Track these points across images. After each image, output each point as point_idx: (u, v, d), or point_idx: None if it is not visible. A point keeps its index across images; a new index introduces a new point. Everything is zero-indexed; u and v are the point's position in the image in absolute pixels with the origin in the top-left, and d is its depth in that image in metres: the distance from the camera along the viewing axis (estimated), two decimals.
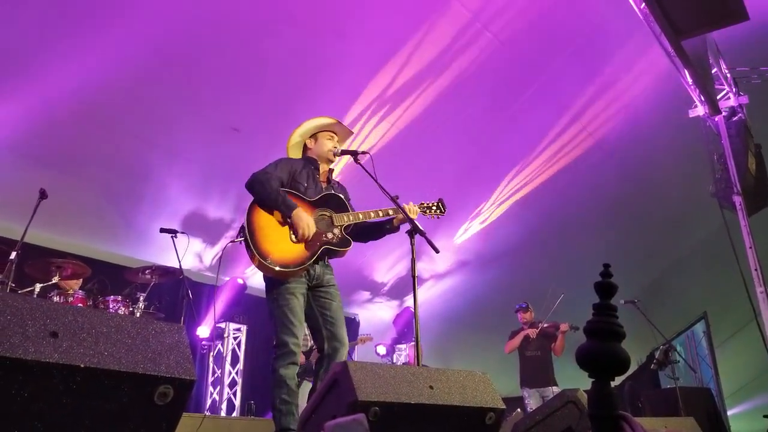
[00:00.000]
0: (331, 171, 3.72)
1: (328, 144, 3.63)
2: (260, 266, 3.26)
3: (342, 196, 3.57)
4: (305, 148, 3.71)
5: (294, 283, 3.30)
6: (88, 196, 6.87)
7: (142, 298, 5.55)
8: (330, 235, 3.41)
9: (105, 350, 1.55)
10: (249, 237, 3.24)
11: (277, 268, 3.23)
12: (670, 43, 5.31)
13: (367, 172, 3.48)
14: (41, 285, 4.93)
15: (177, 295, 6.76)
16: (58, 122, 6.07)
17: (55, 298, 4.93)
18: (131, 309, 5.39)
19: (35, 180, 5.16)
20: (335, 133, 3.70)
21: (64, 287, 5.23)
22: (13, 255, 4.54)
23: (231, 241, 5.54)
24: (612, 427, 1.37)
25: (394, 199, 3.47)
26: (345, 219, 3.47)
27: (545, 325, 6.97)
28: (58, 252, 6.20)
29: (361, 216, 3.51)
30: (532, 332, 6.88)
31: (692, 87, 6.64)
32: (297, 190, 3.46)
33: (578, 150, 8.64)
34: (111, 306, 5.24)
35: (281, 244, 3.28)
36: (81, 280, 5.43)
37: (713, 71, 6.95)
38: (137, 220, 7.33)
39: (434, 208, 3.77)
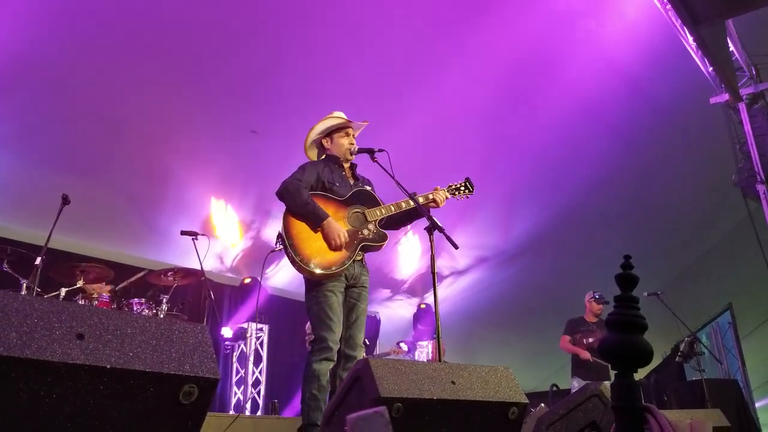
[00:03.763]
0: (354, 166, 3.73)
1: (344, 142, 3.63)
2: (301, 270, 3.29)
3: (370, 190, 3.60)
4: (322, 148, 3.72)
5: (334, 281, 3.33)
6: (110, 201, 6.97)
7: (165, 300, 5.61)
8: (366, 231, 3.44)
9: (130, 351, 1.57)
10: (288, 244, 3.27)
11: (318, 272, 3.26)
12: (689, 31, 5.24)
13: (384, 169, 3.49)
14: (66, 289, 5.01)
15: (199, 296, 6.83)
16: (79, 129, 6.16)
17: (80, 302, 5.01)
18: (155, 311, 5.46)
19: (58, 186, 5.24)
20: (350, 128, 3.70)
21: (89, 291, 5.31)
22: (38, 260, 4.61)
23: (272, 251, 5.59)
24: (636, 418, 1.36)
25: (412, 196, 3.48)
26: (378, 213, 3.49)
27: (591, 341, 6.81)
28: (81, 256, 6.29)
29: (392, 208, 3.53)
30: (587, 356, 6.70)
31: (712, 74, 6.55)
32: (330, 191, 3.48)
33: (598, 141, 8.55)
34: (135, 308, 5.32)
35: (320, 248, 3.31)
36: (105, 283, 5.50)
37: (733, 58, 6.84)
38: (158, 224, 7.42)
39: (462, 188, 3.76)
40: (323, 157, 3.73)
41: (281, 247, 3.34)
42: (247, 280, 8.32)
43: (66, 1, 5.21)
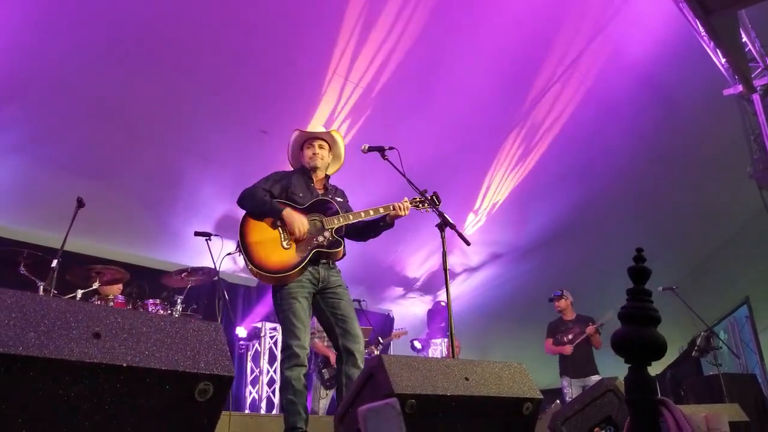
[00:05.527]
0: (327, 177, 3.82)
1: (307, 153, 3.74)
2: (256, 275, 3.42)
3: (333, 201, 3.64)
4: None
5: (296, 287, 3.39)
6: (124, 203, 7.03)
7: (179, 301, 5.66)
8: (321, 239, 3.49)
9: (146, 350, 1.59)
10: (243, 250, 3.38)
11: (270, 275, 3.36)
12: (700, 22, 5.19)
13: (394, 167, 3.53)
14: (82, 291, 5.06)
15: (213, 296, 6.86)
16: (93, 133, 6.22)
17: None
18: (169, 311, 5.51)
19: (72, 189, 5.29)
20: (322, 139, 3.77)
21: (104, 293, 5.36)
22: (55, 263, 4.66)
23: (229, 253, 5.71)
24: (650, 411, 1.36)
25: (422, 193, 3.53)
26: (335, 222, 3.55)
27: (571, 337, 6.86)
28: (97, 258, 6.33)
29: (351, 217, 3.59)
30: (569, 350, 6.78)
31: (725, 66, 6.49)
32: (292, 201, 3.57)
33: (611, 136, 8.49)
34: (150, 309, 5.37)
35: (273, 252, 3.40)
36: (120, 285, 5.56)
37: (746, 49, 6.76)
38: (172, 225, 7.47)
39: (427, 202, 3.71)
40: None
41: (238, 251, 3.49)
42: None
43: (77, 3, 5.25)
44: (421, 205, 3.72)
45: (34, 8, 5.13)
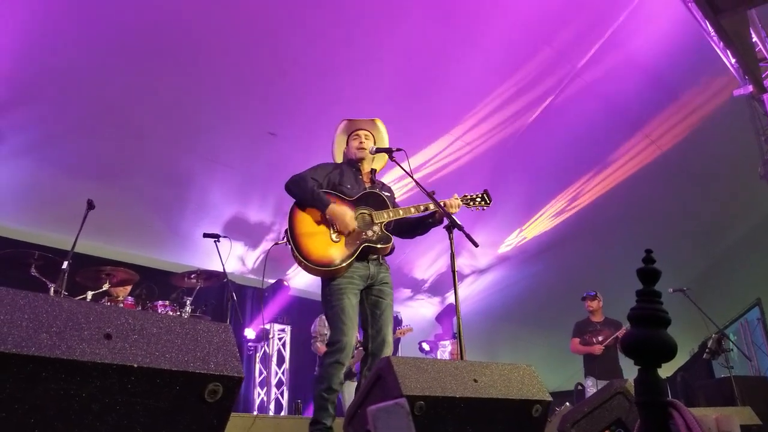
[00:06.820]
0: (373, 171, 3.75)
1: (353, 144, 3.69)
2: (303, 267, 3.33)
3: (382, 194, 3.57)
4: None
5: (345, 282, 3.33)
6: (134, 205, 7.07)
7: (188, 302, 5.68)
8: (370, 233, 3.42)
9: (156, 350, 1.60)
10: (291, 239, 3.31)
11: (317, 267, 3.29)
12: (709, 22, 5.16)
13: (402, 168, 3.51)
14: (92, 292, 5.08)
15: (222, 297, 6.90)
16: (102, 135, 6.27)
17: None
18: (179, 313, 5.53)
19: (82, 191, 5.33)
20: (366, 130, 3.73)
21: (114, 294, 5.39)
22: (65, 265, 4.70)
23: (276, 243, 5.64)
24: (660, 413, 1.35)
25: (430, 195, 3.49)
26: (384, 216, 3.48)
27: (601, 339, 6.84)
28: (107, 260, 6.38)
29: (401, 212, 3.52)
30: (599, 350, 6.75)
31: (735, 66, 6.45)
32: (341, 192, 3.50)
33: (619, 136, 8.46)
34: (159, 310, 5.39)
35: (321, 244, 3.32)
36: (130, 286, 5.59)
37: (757, 49, 6.71)
38: (181, 227, 7.51)
39: (478, 199, 3.71)
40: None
41: (285, 241, 3.39)
42: (271, 281, 8.38)
43: (84, 6, 5.28)
44: (472, 203, 3.68)
45: (42, 12, 5.17)
